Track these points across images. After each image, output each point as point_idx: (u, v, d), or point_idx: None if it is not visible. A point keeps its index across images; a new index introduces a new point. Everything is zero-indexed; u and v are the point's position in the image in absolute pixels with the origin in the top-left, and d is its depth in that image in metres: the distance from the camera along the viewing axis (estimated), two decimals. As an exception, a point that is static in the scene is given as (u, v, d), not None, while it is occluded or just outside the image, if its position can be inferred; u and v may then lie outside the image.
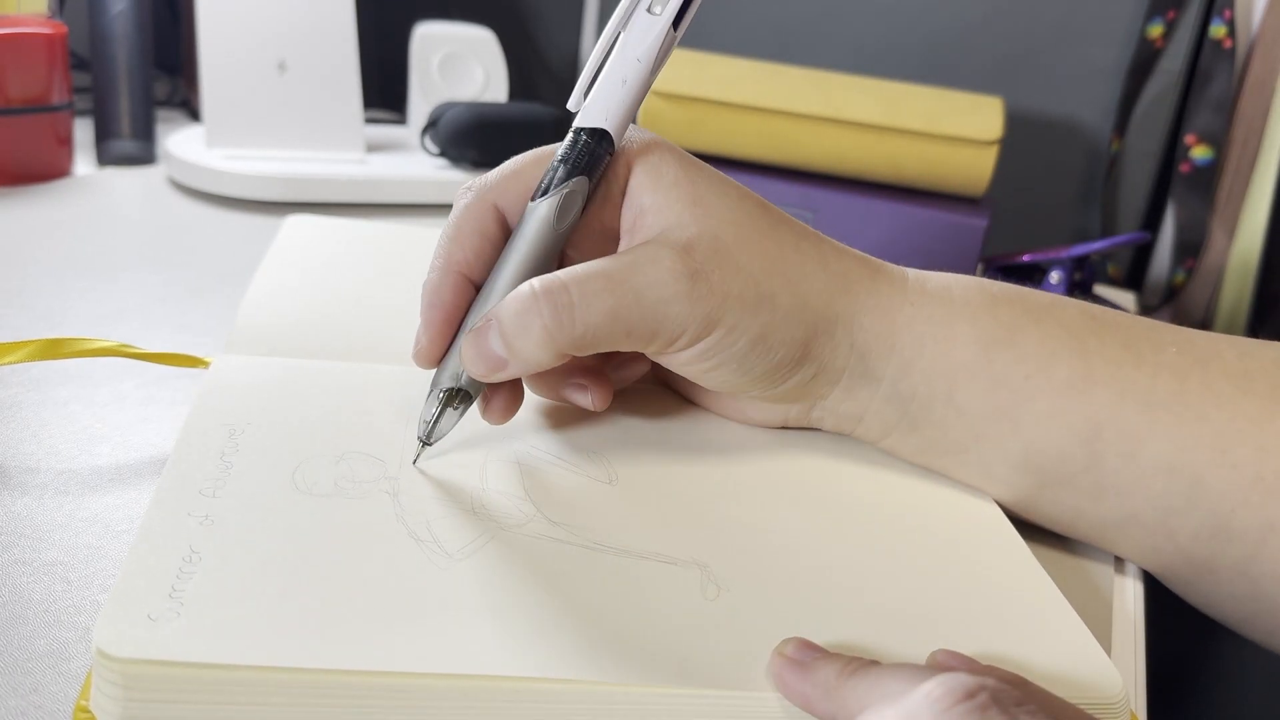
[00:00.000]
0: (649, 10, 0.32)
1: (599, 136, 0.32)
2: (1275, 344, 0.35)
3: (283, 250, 0.49)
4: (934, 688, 0.21)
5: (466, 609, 0.25)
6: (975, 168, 0.65)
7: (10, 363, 0.35)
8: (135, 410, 0.38)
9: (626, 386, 0.38)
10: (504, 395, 0.34)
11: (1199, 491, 0.32)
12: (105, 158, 0.70)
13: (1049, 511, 0.35)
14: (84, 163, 0.70)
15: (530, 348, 0.31)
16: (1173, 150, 0.78)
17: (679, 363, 0.33)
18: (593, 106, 0.32)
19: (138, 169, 0.70)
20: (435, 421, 0.32)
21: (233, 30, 0.67)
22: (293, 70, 0.68)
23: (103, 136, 0.71)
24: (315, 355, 0.39)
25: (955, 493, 0.35)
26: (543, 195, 0.32)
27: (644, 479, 0.33)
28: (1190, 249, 0.76)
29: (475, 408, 0.34)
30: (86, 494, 0.32)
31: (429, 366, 0.33)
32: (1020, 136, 0.78)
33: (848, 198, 0.66)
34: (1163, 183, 0.79)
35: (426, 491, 0.30)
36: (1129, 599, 0.34)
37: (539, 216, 0.32)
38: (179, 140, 0.69)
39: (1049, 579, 0.31)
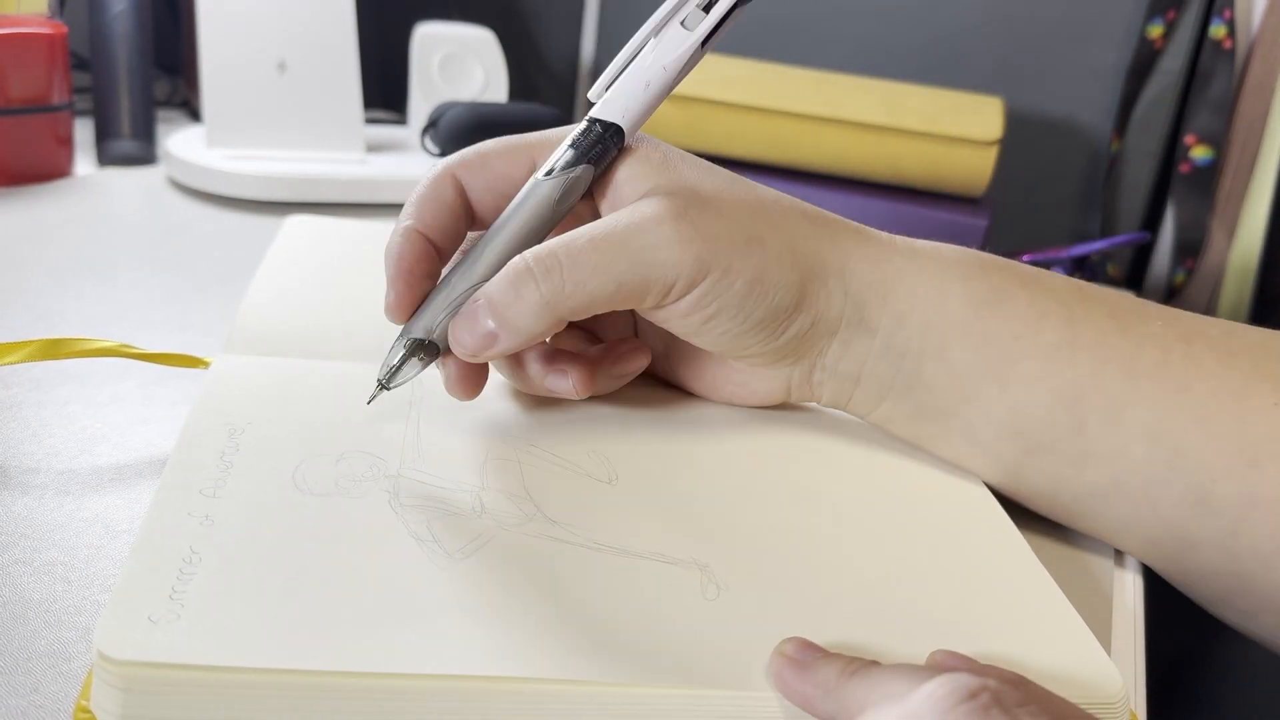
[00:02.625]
0: (683, 24, 0.33)
1: (613, 131, 0.33)
2: (1259, 328, 0.35)
3: (283, 250, 0.49)
4: (936, 688, 0.21)
5: (467, 609, 0.25)
6: (975, 168, 0.65)
7: (10, 363, 0.35)
8: (135, 410, 0.38)
9: (625, 384, 0.38)
10: (465, 365, 0.33)
11: (1180, 460, 0.32)
12: (105, 158, 0.70)
13: (1033, 482, 0.35)
14: (84, 163, 0.70)
15: (525, 317, 0.31)
16: (1172, 150, 0.78)
17: (677, 316, 0.33)
18: (614, 102, 0.33)
19: (138, 169, 0.70)
20: (397, 369, 0.33)
21: (233, 30, 0.67)
22: (293, 70, 0.68)
23: (103, 136, 0.71)
24: (315, 355, 0.38)
25: (956, 492, 0.35)
26: (548, 175, 0.33)
27: (644, 479, 0.33)
28: (1190, 249, 0.76)
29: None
30: (87, 494, 0.32)
31: (402, 321, 0.33)
32: (1020, 136, 0.78)
33: (848, 198, 0.66)
34: (1163, 183, 0.79)
35: (427, 491, 0.30)
36: (1129, 597, 0.34)
37: (542, 194, 0.33)
38: (179, 140, 0.69)
39: (1049, 578, 0.31)
